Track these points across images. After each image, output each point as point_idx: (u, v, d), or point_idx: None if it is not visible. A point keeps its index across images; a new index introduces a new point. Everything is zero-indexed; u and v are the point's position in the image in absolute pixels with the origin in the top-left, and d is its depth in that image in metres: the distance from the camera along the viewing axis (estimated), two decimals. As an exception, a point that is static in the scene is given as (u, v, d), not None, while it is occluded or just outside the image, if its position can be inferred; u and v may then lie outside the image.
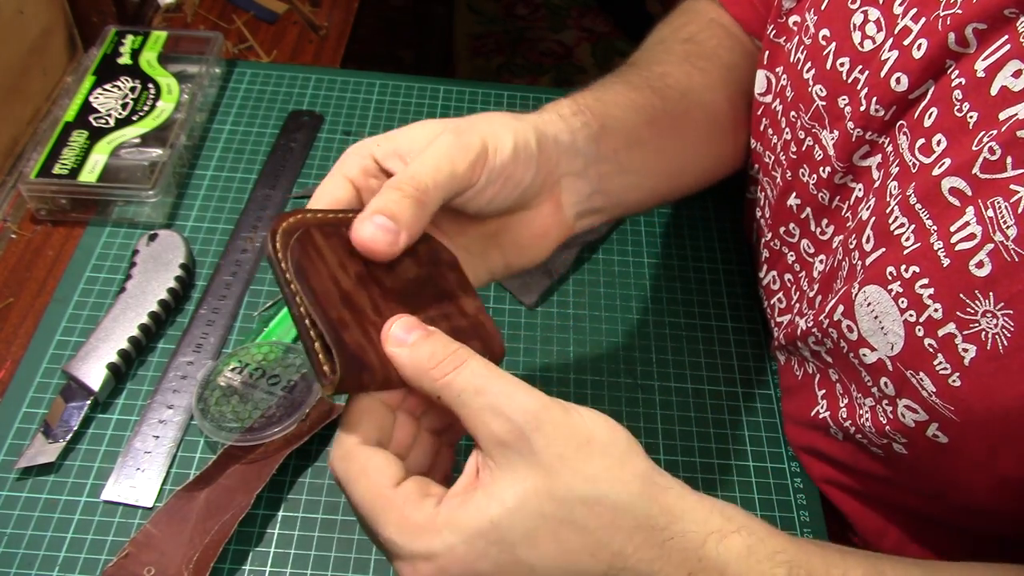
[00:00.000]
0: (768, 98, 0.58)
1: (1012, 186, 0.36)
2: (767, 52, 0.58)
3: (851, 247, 0.47)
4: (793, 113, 0.54)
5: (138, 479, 0.54)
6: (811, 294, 0.54)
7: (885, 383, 0.44)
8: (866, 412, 0.47)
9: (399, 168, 0.42)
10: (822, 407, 0.52)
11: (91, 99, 0.71)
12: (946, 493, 0.45)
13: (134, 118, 0.70)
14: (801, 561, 0.37)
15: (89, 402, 0.56)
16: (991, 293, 0.37)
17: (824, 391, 0.53)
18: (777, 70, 0.57)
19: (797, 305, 0.56)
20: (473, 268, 0.45)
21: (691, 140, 0.58)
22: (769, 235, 0.60)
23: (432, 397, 0.36)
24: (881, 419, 0.45)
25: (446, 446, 0.41)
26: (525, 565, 0.34)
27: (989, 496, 0.42)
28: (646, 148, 0.54)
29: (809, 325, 0.51)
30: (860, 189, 0.49)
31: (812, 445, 0.54)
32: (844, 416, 0.49)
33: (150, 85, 0.73)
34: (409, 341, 0.37)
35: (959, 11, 0.40)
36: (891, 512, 0.53)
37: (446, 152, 0.40)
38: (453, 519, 0.34)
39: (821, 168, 0.51)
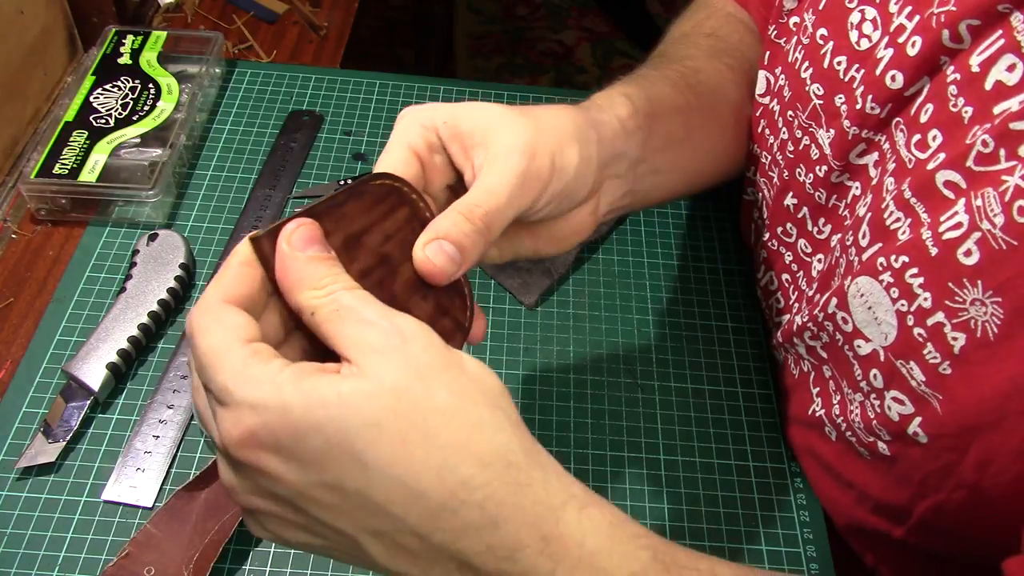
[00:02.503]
0: (766, 99, 0.58)
1: (1002, 176, 0.37)
2: (767, 53, 0.58)
3: (848, 244, 0.47)
4: (790, 112, 0.54)
5: (138, 479, 0.54)
6: (810, 293, 0.54)
7: (874, 375, 0.44)
8: (856, 407, 0.47)
9: (458, 152, 0.42)
10: (817, 405, 0.52)
11: (91, 99, 0.71)
12: (920, 506, 0.45)
13: (134, 118, 0.70)
14: (665, 550, 0.34)
15: (89, 402, 0.56)
16: (979, 281, 0.37)
17: (818, 388, 0.53)
18: (776, 70, 0.57)
19: (796, 305, 0.56)
20: (498, 245, 0.45)
21: (717, 138, 0.59)
22: (767, 236, 0.60)
23: (305, 313, 0.34)
24: (869, 413, 0.46)
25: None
26: (358, 462, 0.31)
27: (961, 511, 0.42)
28: (679, 148, 0.55)
29: (805, 320, 0.51)
30: (857, 188, 0.49)
31: (809, 445, 0.55)
32: (836, 413, 0.50)
33: (150, 85, 0.73)
34: (306, 254, 0.35)
35: (953, 8, 0.40)
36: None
37: (518, 185, 0.41)
38: (299, 379, 0.31)
39: (818, 167, 0.51)
